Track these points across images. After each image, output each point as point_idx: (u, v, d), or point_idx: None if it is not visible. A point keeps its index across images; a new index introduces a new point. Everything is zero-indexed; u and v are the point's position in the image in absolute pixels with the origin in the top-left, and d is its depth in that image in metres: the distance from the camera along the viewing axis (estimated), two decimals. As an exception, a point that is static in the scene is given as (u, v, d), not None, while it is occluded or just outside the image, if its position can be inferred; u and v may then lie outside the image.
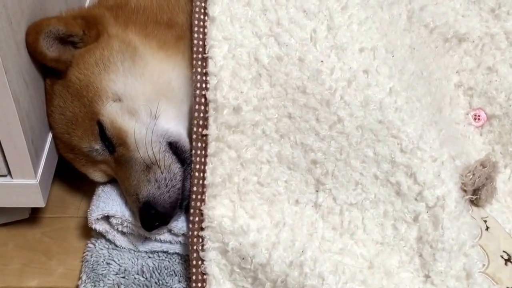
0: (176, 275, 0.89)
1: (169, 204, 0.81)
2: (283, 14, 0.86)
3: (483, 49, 1.01)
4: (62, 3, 0.93)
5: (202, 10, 0.87)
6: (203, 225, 0.82)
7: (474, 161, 0.90)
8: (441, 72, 0.99)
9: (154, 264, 0.90)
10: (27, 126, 0.76)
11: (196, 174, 0.82)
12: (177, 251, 0.91)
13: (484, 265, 0.82)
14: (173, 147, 0.85)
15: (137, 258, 0.90)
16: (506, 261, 0.84)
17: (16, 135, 0.75)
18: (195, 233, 0.82)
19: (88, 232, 0.93)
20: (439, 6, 1.01)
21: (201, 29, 0.85)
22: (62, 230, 0.96)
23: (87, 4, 1.05)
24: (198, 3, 0.87)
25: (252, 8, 0.88)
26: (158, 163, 0.80)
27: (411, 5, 0.97)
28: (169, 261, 0.91)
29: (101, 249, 0.90)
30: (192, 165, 0.83)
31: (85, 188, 0.97)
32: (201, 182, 0.82)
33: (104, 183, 0.91)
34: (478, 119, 0.98)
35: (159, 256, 0.91)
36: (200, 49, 0.84)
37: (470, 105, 1.00)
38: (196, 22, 0.85)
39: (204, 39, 0.85)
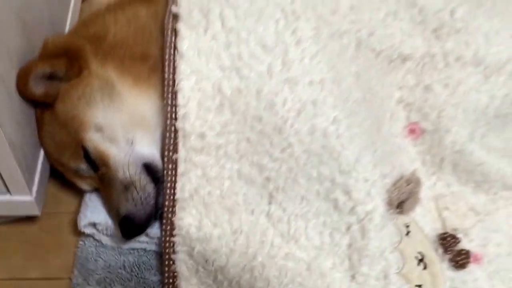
0: (152, 269, 1.06)
1: (144, 218, 0.98)
2: (244, 48, 0.98)
3: (423, 68, 1.13)
4: (48, 32, 1.03)
5: (173, 45, 1.00)
6: (174, 232, 0.99)
7: (402, 176, 1.05)
8: (385, 90, 1.13)
9: (134, 260, 1.07)
10: (20, 155, 0.89)
11: (168, 191, 0.98)
12: (153, 249, 1.07)
13: (399, 267, 0.98)
14: (148, 168, 0.99)
15: (120, 255, 1.07)
16: (419, 261, 1.01)
17: (10, 163, 0.88)
18: (167, 238, 0.99)
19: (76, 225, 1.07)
20: (387, 28, 1.12)
21: (172, 63, 0.99)
22: (57, 225, 1.10)
23: (67, 28, 1.14)
24: (168, 38, 0.99)
25: (217, 43, 0.99)
26: (135, 184, 0.96)
27: (361, 33, 1.08)
28: (147, 257, 1.07)
29: (90, 247, 1.07)
30: (164, 183, 0.97)
31: (75, 187, 1.08)
32: (172, 197, 0.98)
33: (91, 191, 1.05)
34: (414, 132, 1.13)
35: (138, 253, 1.07)
36: (171, 83, 0.98)
37: (408, 119, 1.13)
38: (167, 57, 0.99)
39: (174, 73, 0.99)
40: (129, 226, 0.97)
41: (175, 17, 1.01)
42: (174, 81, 0.97)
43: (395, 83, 1.14)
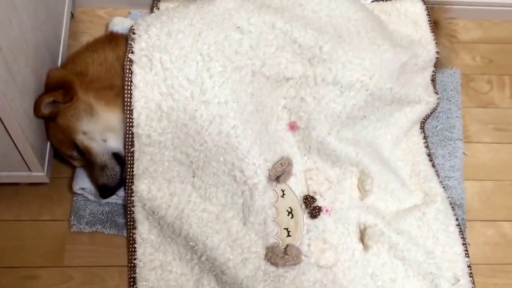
0: (120, 216, 1.56)
1: (114, 186, 1.49)
2: (175, 81, 1.41)
3: (301, 85, 1.55)
4: (44, 53, 1.51)
5: (129, 79, 1.42)
6: (133, 194, 1.46)
7: (282, 157, 1.53)
8: (273, 101, 1.56)
9: (109, 209, 1.56)
10: (35, 146, 1.39)
11: (128, 169, 1.46)
12: (121, 203, 1.56)
13: (274, 217, 1.47)
14: (116, 156, 1.48)
15: (99, 206, 1.57)
16: (289, 213, 1.50)
17: (29, 153, 1.37)
18: (129, 198, 1.47)
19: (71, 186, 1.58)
20: (276, 58, 1.52)
21: (129, 91, 1.42)
22: (59, 185, 1.59)
23: (59, 62, 1.59)
24: (126, 75, 1.42)
25: (158, 78, 1.42)
26: (108, 166, 1.48)
27: (255, 65, 1.49)
28: (117, 208, 1.57)
29: (80, 201, 1.56)
30: (126, 165, 1.46)
31: (70, 164, 1.57)
32: (131, 173, 1.46)
33: (80, 167, 1.58)
34: (293, 128, 1.58)
35: (111, 205, 1.57)
36: (128, 104, 1.42)
37: (289, 119, 1.58)
38: (126, 87, 1.42)
39: (130, 98, 1.42)
40: (104, 191, 1.49)
41: (131, 61, 1.42)
42: (130, 102, 1.41)
43: (281, 95, 1.57)
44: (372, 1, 1.85)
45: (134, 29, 1.49)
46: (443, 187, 1.66)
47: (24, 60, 1.30)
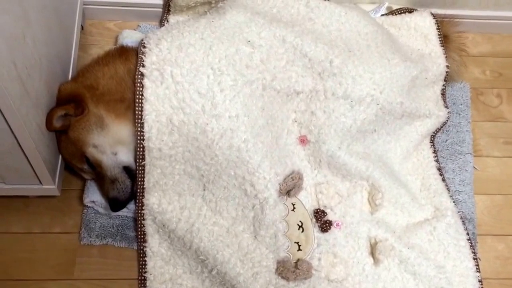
0: (130, 229, 1.56)
1: (124, 200, 1.49)
2: (186, 95, 1.41)
3: (311, 99, 1.55)
4: (56, 66, 1.52)
5: (141, 93, 1.42)
6: (143, 207, 1.47)
7: (292, 171, 1.53)
8: (284, 114, 1.56)
9: (119, 222, 1.56)
10: (47, 160, 1.40)
11: (139, 183, 1.46)
12: (131, 216, 1.56)
13: (285, 231, 1.48)
14: (127, 169, 1.48)
15: (110, 219, 1.56)
16: (299, 227, 1.50)
17: (41, 166, 1.37)
18: (139, 211, 1.47)
19: (82, 199, 1.58)
20: (286, 72, 1.53)
21: (140, 105, 1.42)
22: (69, 198, 1.59)
23: (70, 75, 1.60)
24: (137, 88, 1.42)
25: (169, 91, 1.41)
26: (118, 180, 1.48)
27: (266, 79, 1.49)
28: (127, 221, 1.56)
29: (90, 214, 1.56)
30: (137, 178, 1.46)
31: (80, 176, 1.58)
32: (142, 187, 1.46)
33: (90, 179, 1.57)
34: (303, 142, 1.59)
35: (122, 218, 1.57)
36: (140, 117, 1.41)
37: (300, 133, 1.58)
38: (137, 100, 1.42)
39: (141, 111, 1.42)
40: (115, 204, 1.49)
41: (142, 74, 1.43)
42: (141, 116, 1.41)
43: (291, 108, 1.58)
44: (382, 15, 1.86)
45: (144, 42, 1.50)
46: (454, 201, 1.66)
47: (38, 74, 1.31)
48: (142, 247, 1.50)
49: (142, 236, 1.50)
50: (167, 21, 1.86)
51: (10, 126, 1.18)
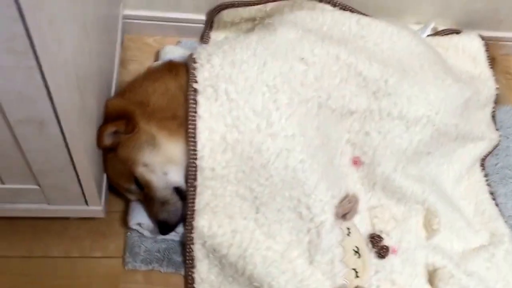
0: (178, 253, 1.46)
1: (174, 222, 1.41)
2: (241, 112, 1.35)
3: (365, 119, 1.50)
4: (105, 91, 1.46)
5: (194, 110, 1.36)
6: (193, 231, 1.39)
7: (347, 194, 1.49)
8: (337, 134, 1.51)
9: (165, 246, 1.46)
10: (95, 180, 1.35)
11: (189, 204, 1.38)
12: (178, 240, 1.47)
13: (342, 256, 1.40)
14: (177, 190, 1.41)
15: (155, 243, 1.47)
16: (355, 252, 1.43)
17: (91, 187, 1.31)
18: (188, 234, 1.39)
19: (125, 221, 1.49)
20: (340, 90, 1.48)
21: (193, 123, 1.35)
22: (110, 220, 1.49)
23: (113, 89, 1.55)
24: (191, 105, 1.36)
25: (223, 109, 1.35)
26: (169, 201, 1.41)
27: (321, 98, 1.44)
28: (174, 245, 1.46)
29: (135, 237, 1.47)
30: (187, 200, 1.39)
31: (119, 194, 1.52)
32: (192, 208, 1.39)
33: (136, 200, 1.49)
34: (356, 163, 1.55)
35: (168, 242, 1.47)
36: (192, 135, 1.35)
37: (353, 154, 1.53)
38: (190, 118, 1.35)
39: (194, 129, 1.35)
40: (165, 227, 1.41)
41: (195, 90, 1.37)
42: (194, 134, 1.35)
43: (345, 128, 1.52)
44: (428, 36, 1.82)
45: (195, 58, 1.44)
46: (509, 227, 1.60)
47: (91, 87, 1.25)
48: (190, 273, 1.42)
49: (190, 261, 1.42)
50: (209, 37, 1.81)
51: (67, 141, 1.10)
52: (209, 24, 1.82)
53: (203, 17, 1.86)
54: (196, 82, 1.39)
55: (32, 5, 0.74)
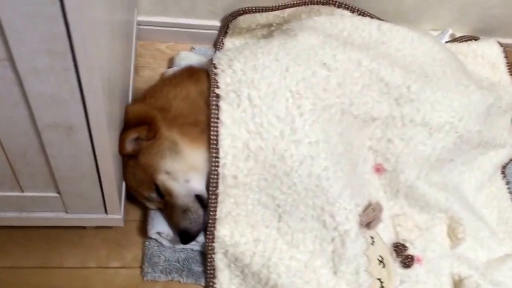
0: (198, 263, 1.42)
1: (196, 231, 1.38)
2: (264, 119, 1.32)
3: (387, 126, 1.48)
4: (124, 97, 1.42)
5: (216, 116, 1.34)
6: (214, 240, 1.36)
7: (370, 202, 1.45)
8: (359, 141, 1.48)
9: (185, 256, 1.42)
10: (117, 188, 1.31)
11: (211, 213, 1.36)
12: (198, 249, 1.43)
13: (366, 266, 1.37)
14: (199, 198, 1.37)
15: (175, 252, 1.43)
16: (380, 262, 1.40)
17: (113, 195, 1.27)
18: (210, 244, 1.37)
19: (143, 230, 1.46)
20: (363, 97, 1.45)
21: (215, 129, 1.33)
22: (128, 229, 1.45)
23: (130, 95, 1.51)
24: (213, 111, 1.34)
25: (246, 115, 1.33)
26: (190, 209, 1.37)
27: (344, 104, 1.41)
28: (193, 254, 1.43)
29: (154, 246, 1.42)
30: (209, 208, 1.36)
31: (137, 202, 1.49)
32: (213, 217, 1.36)
33: (155, 209, 1.45)
34: (378, 170, 1.53)
35: (188, 251, 1.43)
36: (215, 142, 1.33)
37: (375, 161, 1.50)
38: (213, 124, 1.33)
39: (217, 135, 1.33)
40: (186, 236, 1.37)
41: (218, 96, 1.34)
42: (217, 140, 1.32)
43: (367, 135, 1.50)
44: (446, 42, 1.80)
45: (215, 63, 1.41)
46: (532, 236, 1.58)
47: (117, 91, 1.21)
48: (211, 284, 1.39)
49: (211, 272, 1.39)
50: (223, 44, 1.79)
51: (94, 147, 1.07)
52: (224, 30, 1.80)
53: (217, 23, 1.83)
54: (218, 87, 1.36)
55: (75, 5, 0.71)
